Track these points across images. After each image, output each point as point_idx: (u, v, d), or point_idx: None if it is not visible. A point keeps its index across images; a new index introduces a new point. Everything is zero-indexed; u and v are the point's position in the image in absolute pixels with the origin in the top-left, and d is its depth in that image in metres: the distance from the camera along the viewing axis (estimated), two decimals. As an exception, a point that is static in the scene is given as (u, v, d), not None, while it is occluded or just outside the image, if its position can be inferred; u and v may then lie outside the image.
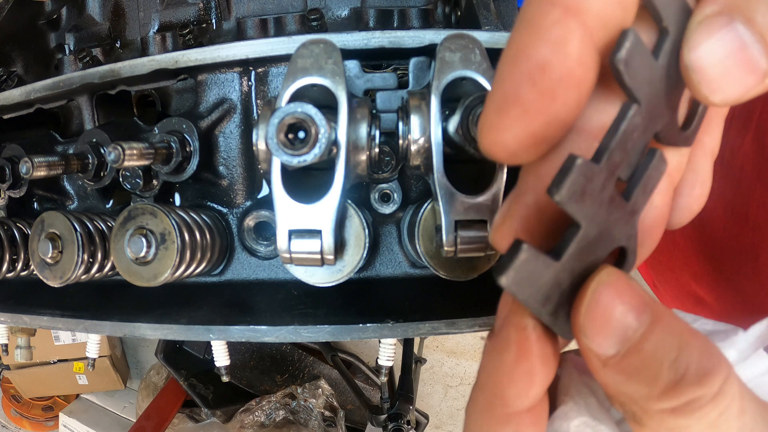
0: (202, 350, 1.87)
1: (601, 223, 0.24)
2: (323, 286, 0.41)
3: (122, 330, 0.45)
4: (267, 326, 0.42)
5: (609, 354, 0.24)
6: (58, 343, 2.15)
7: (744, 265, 0.71)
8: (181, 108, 0.56)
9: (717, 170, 0.37)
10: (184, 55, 0.43)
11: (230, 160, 0.47)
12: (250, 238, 0.48)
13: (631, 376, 0.24)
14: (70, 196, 0.53)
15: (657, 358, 0.23)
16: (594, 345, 0.24)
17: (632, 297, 0.24)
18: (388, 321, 0.41)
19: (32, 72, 0.67)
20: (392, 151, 0.41)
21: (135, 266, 0.40)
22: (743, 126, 0.72)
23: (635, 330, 0.23)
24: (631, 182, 0.24)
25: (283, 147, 0.31)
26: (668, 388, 0.23)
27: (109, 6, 0.63)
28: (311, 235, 0.34)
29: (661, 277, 0.91)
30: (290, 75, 0.34)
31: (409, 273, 0.48)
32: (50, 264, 0.43)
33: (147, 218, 0.40)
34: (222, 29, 0.60)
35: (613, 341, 0.24)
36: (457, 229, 0.35)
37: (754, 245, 0.69)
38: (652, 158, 0.24)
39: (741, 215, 0.70)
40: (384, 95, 0.41)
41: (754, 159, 0.70)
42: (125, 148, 0.39)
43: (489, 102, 0.24)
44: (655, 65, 0.23)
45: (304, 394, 1.78)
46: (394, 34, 0.41)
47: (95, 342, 0.68)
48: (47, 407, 2.31)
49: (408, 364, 1.47)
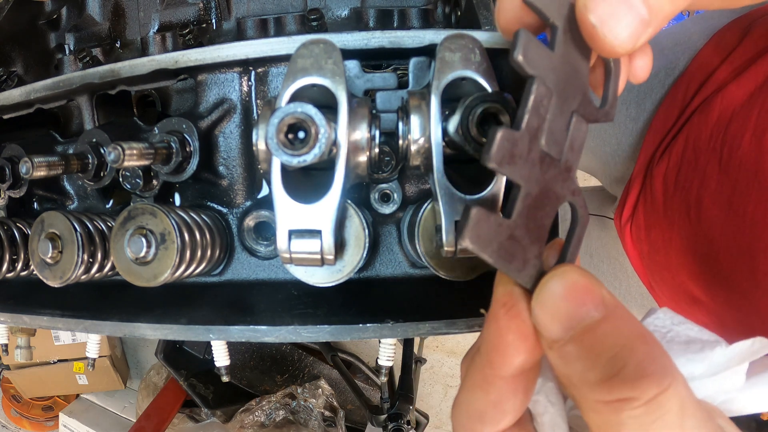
0: (202, 350, 1.87)
1: (539, 182, 0.27)
2: (323, 286, 0.41)
3: (122, 330, 0.45)
4: (267, 326, 0.42)
5: (554, 338, 0.27)
6: (58, 343, 2.15)
7: (740, 263, 0.71)
8: (181, 108, 0.56)
9: (715, 169, 0.38)
10: (184, 55, 0.43)
11: (230, 160, 0.47)
12: (250, 238, 0.48)
13: (570, 361, 0.26)
14: (70, 196, 0.53)
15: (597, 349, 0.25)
16: (542, 328, 0.27)
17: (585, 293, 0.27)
18: (388, 321, 0.41)
19: (32, 72, 0.67)
20: (392, 151, 0.41)
21: (135, 266, 0.40)
22: (741, 126, 0.72)
23: (580, 321, 0.26)
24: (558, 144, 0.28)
25: (283, 147, 0.31)
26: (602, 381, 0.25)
27: (109, 6, 0.63)
28: (311, 235, 0.34)
29: (657, 276, 0.91)
30: (290, 75, 0.34)
31: (409, 273, 0.48)
32: (50, 264, 0.43)
33: (147, 218, 0.40)
34: (222, 29, 0.60)
35: (558, 327, 0.26)
36: (457, 229, 0.35)
37: (750, 243, 0.69)
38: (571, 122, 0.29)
39: (738, 213, 0.71)
40: (384, 95, 0.41)
41: (752, 158, 0.70)
42: (125, 148, 0.39)
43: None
44: (552, 55, 0.27)
45: (304, 394, 1.78)
46: (394, 34, 0.41)
47: (95, 342, 0.68)
48: (47, 407, 2.31)
49: (408, 364, 1.47)
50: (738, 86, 0.75)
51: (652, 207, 0.87)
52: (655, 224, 0.87)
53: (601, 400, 0.25)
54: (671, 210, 0.83)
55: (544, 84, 0.27)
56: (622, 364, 0.25)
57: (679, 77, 0.86)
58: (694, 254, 0.80)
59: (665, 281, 0.89)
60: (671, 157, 0.83)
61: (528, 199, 0.27)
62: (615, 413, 0.25)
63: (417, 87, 0.41)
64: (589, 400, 0.26)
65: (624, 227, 0.94)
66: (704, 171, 0.76)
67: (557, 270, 0.27)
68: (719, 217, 0.74)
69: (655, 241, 0.88)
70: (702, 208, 0.77)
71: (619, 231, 0.97)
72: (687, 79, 0.85)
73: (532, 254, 0.28)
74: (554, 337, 0.27)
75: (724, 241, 0.73)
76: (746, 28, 0.80)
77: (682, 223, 0.81)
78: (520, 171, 0.26)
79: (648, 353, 0.25)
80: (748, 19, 0.82)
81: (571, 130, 0.29)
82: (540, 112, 0.27)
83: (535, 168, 0.27)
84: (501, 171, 0.26)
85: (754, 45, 0.77)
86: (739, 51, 0.79)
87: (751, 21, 0.81)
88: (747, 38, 0.79)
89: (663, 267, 0.88)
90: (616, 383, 0.25)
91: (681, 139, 0.82)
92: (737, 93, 0.75)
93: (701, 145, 0.78)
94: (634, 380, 0.24)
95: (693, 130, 0.80)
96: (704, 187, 0.76)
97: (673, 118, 0.85)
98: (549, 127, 0.27)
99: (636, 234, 0.92)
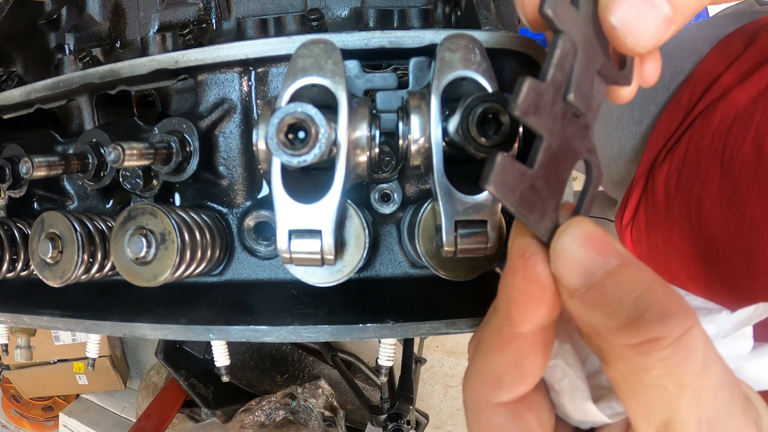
0: (202, 350, 1.87)
1: (560, 136, 0.28)
2: (323, 286, 0.41)
3: (122, 330, 0.45)
4: (267, 326, 0.42)
5: (574, 286, 0.27)
6: (58, 343, 2.15)
7: (739, 265, 0.72)
8: (181, 108, 0.56)
9: (717, 171, 0.38)
10: (184, 55, 0.43)
11: (230, 160, 0.47)
12: (250, 238, 0.48)
13: (593, 307, 0.26)
14: (70, 196, 0.53)
15: (618, 294, 0.25)
16: (562, 277, 0.27)
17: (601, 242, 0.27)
18: (388, 321, 0.41)
19: (32, 72, 0.67)
20: (392, 151, 0.41)
21: (135, 266, 0.40)
22: (744, 128, 0.72)
23: (599, 268, 0.26)
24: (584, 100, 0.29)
25: (283, 147, 0.31)
26: (628, 323, 0.25)
27: (109, 6, 0.63)
28: (311, 235, 0.34)
29: None
30: (290, 75, 0.34)
31: (409, 273, 0.48)
32: (50, 264, 0.43)
33: (147, 218, 0.40)
34: (222, 29, 0.60)
35: (577, 275, 0.26)
36: (457, 229, 0.35)
37: (750, 245, 0.70)
38: (593, 82, 0.29)
39: (738, 214, 0.71)
40: (384, 95, 0.41)
41: (753, 160, 0.70)
42: (125, 148, 0.39)
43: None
44: (577, 13, 0.28)
45: (304, 394, 1.78)
46: (394, 34, 0.41)
47: (95, 342, 0.68)
48: (47, 407, 2.31)
49: (408, 364, 1.47)
50: (742, 91, 0.75)
51: (654, 209, 0.87)
52: (656, 226, 0.87)
53: (629, 343, 0.25)
54: (672, 212, 0.83)
55: (570, 40, 0.27)
56: (646, 306, 0.25)
57: (684, 82, 0.86)
58: (693, 256, 0.80)
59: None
60: (673, 159, 0.83)
61: (549, 152, 0.27)
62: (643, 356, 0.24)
63: (417, 87, 0.41)
64: (615, 346, 0.25)
65: (625, 230, 0.95)
66: (706, 173, 0.76)
67: (573, 220, 0.28)
68: (719, 219, 0.74)
69: (656, 243, 0.88)
70: (702, 210, 0.77)
71: (619, 233, 0.98)
72: (692, 84, 0.85)
73: (551, 207, 0.28)
74: (575, 286, 0.26)
75: (724, 242, 0.74)
76: (752, 36, 0.81)
77: (683, 224, 0.81)
78: (544, 122, 0.27)
79: (669, 295, 0.25)
80: (755, 26, 0.83)
81: (594, 90, 0.29)
82: (564, 67, 0.27)
83: (557, 121, 0.27)
84: (526, 121, 0.26)
85: (760, 52, 0.77)
86: (744, 57, 0.79)
87: (757, 28, 0.82)
88: (753, 45, 0.79)
89: (662, 269, 0.88)
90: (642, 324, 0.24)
91: (684, 143, 0.82)
92: (741, 97, 0.75)
93: (703, 147, 0.78)
94: (659, 320, 0.24)
95: (696, 133, 0.80)
96: (705, 188, 0.76)
97: (677, 122, 0.85)
98: (576, 82, 0.28)
99: (636, 236, 0.93)
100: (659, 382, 0.24)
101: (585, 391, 0.30)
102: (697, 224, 0.78)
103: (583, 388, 0.30)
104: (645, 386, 0.25)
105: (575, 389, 0.30)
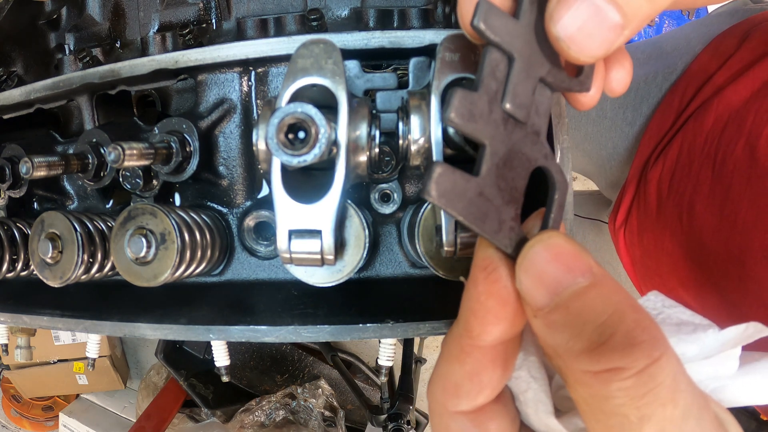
0: (202, 350, 1.87)
1: (505, 142, 0.28)
2: (323, 286, 0.41)
3: (122, 330, 0.45)
4: (267, 326, 0.42)
5: (539, 305, 0.25)
6: (58, 343, 2.15)
7: (730, 270, 0.71)
8: (181, 108, 0.56)
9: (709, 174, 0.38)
10: (184, 55, 0.43)
11: (230, 160, 0.47)
12: (250, 238, 0.48)
13: (555, 330, 0.25)
14: (70, 196, 0.53)
15: (584, 317, 0.24)
16: (526, 295, 0.26)
17: (572, 259, 0.25)
18: (388, 321, 0.41)
19: (32, 72, 0.67)
20: (392, 151, 0.41)
21: (135, 266, 0.40)
22: (736, 132, 0.72)
23: (566, 287, 0.25)
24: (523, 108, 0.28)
25: (283, 147, 0.31)
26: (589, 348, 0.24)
27: (109, 6, 0.63)
28: (311, 235, 0.34)
29: (648, 282, 0.91)
30: (290, 75, 0.34)
31: (409, 273, 0.48)
32: (50, 264, 0.43)
33: (147, 218, 0.40)
34: (222, 29, 0.60)
35: (543, 294, 0.25)
36: (457, 229, 0.35)
37: (741, 250, 0.69)
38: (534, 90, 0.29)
39: (730, 218, 0.71)
40: (384, 95, 0.41)
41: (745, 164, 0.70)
42: (125, 148, 0.39)
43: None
44: (516, 23, 0.28)
45: (304, 394, 1.78)
46: (394, 34, 0.41)
47: (95, 342, 0.68)
48: (47, 407, 2.31)
49: (408, 364, 1.47)
50: (734, 91, 0.75)
51: (646, 211, 0.87)
52: (648, 229, 0.87)
53: (589, 370, 0.24)
54: (664, 215, 0.83)
55: (498, 50, 0.27)
56: (611, 332, 0.23)
57: (677, 81, 0.86)
58: (685, 260, 0.80)
59: (656, 287, 0.89)
60: (666, 161, 0.83)
61: (495, 158, 0.27)
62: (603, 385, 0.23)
63: (417, 87, 0.41)
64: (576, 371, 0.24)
65: (618, 231, 0.94)
66: (698, 176, 0.76)
67: (541, 235, 0.26)
68: (711, 223, 0.74)
69: (648, 246, 0.88)
70: (694, 214, 0.77)
71: (612, 235, 0.97)
72: (684, 84, 0.85)
73: (508, 215, 0.27)
74: (539, 304, 0.25)
75: (715, 246, 0.73)
76: (745, 34, 0.80)
77: (675, 228, 0.81)
78: (483, 130, 0.27)
79: (638, 321, 0.24)
80: (748, 25, 0.82)
81: (536, 96, 0.29)
82: (497, 76, 0.27)
83: (500, 128, 0.28)
84: (462, 129, 0.26)
85: (752, 51, 0.77)
86: (737, 56, 0.79)
87: (750, 27, 0.82)
88: (745, 44, 0.79)
89: (654, 272, 0.88)
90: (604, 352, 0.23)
91: (676, 144, 0.82)
92: (733, 98, 0.75)
93: (696, 150, 0.78)
94: (623, 349, 0.23)
95: (688, 134, 0.80)
96: (697, 192, 0.76)
97: (669, 122, 0.85)
98: (513, 90, 0.28)
99: (629, 239, 0.93)
100: (620, 411, 0.23)
101: (548, 405, 0.29)
102: (688, 228, 0.78)
103: (546, 402, 0.30)
104: (605, 412, 0.24)
105: (539, 402, 0.30)
